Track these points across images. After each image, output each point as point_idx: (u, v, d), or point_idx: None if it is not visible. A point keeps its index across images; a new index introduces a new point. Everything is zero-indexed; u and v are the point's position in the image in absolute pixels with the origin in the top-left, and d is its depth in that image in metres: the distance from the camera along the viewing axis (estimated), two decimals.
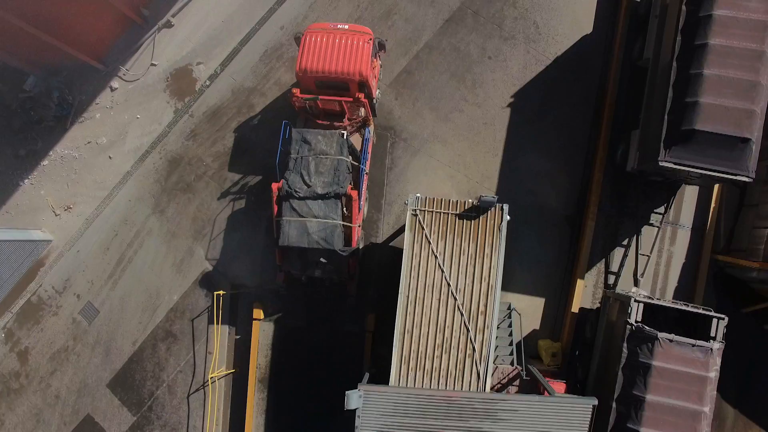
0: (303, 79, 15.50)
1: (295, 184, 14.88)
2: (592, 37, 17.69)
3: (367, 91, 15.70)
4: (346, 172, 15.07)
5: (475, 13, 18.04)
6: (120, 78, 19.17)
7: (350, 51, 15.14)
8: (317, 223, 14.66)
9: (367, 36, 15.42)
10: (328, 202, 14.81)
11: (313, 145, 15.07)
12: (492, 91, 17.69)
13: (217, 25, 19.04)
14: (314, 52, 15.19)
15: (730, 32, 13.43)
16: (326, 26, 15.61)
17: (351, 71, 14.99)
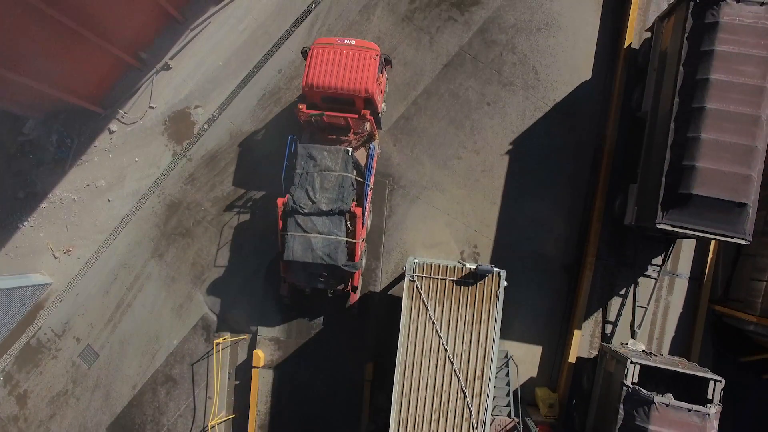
0: (309, 94, 15.62)
1: (300, 200, 15.13)
2: (591, 84, 17.66)
3: (373, 107, 15.82)
4: (350, 188, 15.26)
5: (473, 59, 18.00)
6: (118, 120, 19.16)
7: (357, 67, 15.23)
8: (321, 239, 14.93)
9: (373, 52, 15.49)
10: (332, 218, 15.07)
11: (319, 160, 15.25)
12: (491, 138, 17.68)
13: (215, 68, 19.00)
14: (321, 67, 15.29)
15: (727, 96, 13.42)
16: (333, 41, 15.68)
17: (357, 88, 15.10)
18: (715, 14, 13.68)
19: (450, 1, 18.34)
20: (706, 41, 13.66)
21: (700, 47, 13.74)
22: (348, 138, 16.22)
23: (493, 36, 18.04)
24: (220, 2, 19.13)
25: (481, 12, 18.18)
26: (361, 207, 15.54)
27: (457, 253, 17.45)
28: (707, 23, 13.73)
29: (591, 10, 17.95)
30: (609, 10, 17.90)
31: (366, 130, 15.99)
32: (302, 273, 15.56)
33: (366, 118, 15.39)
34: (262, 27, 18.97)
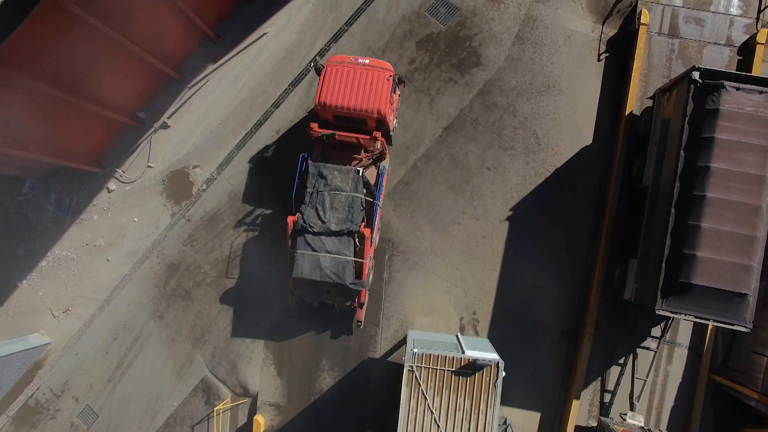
0: (321, 112, 15.68)
1: (310, 219, 15.25)
2: (591, 149, 17.57)
3: (385, 127, 15.89)
4: (359, 208, 15.39)
5: (474, 122, 17.90)
6: (117, 179, 19.09)
7: (370, 87, 15.27)
8: (330, 259, 15.11)
9: (387, 72, 15.49)
10: (341, 238, 15.23)
11: (329, 180, 15.36)
12: (491, 204, 17.61)
13: (213, 127, 18.91)
14: (334, 86, 15.35)
15: (728, 185, 13.35)
16: (347, 59, 15.73)
17: (370, 109, 15.16)
18: (715, 101, 13.58)
19: (450, 61, 18.20)
20: (707, 128, 13.56)
21: (701, 133, 13.64)
22: (359, 156, 16.30)
23: (494, 99, 17.92)
24: (218, 60, 19.00)
25: (482, 74, 18.05)
26: (369, 227, 15.66)
27: (457, 320, 17.45)
28: (708, 109, 13.62)
29: (592, 74, 17.82)
30: (610, 74, 17.78)
31: (377, 148, 16.03)
32: (310, 288, 15.84)
33: (377, 139, 15.44)
34: (260, 86, 18.85)
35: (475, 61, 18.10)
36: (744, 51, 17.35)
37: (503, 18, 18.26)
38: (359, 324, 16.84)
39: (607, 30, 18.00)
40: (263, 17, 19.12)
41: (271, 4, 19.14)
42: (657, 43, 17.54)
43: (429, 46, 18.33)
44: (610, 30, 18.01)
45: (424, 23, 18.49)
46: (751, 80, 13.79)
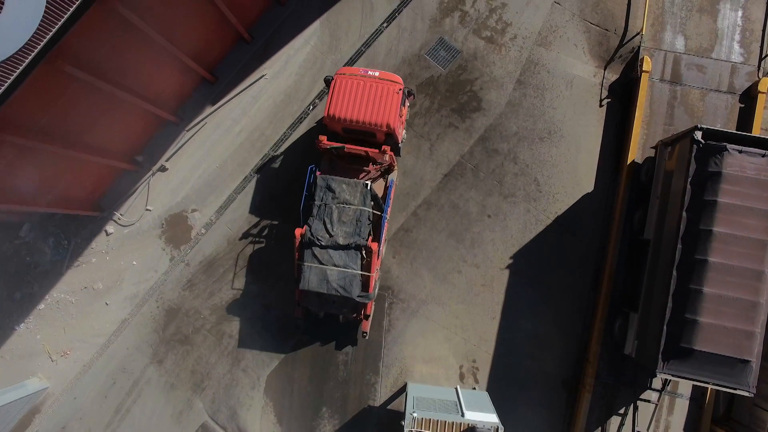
0: (330, 124, 15.63)
1: (318, 232, 15.22)
2: (593, 196, 17.45)
3: (394, 139, 15.87)
4: (367, 222, 15.35)
5: (474, 168, 17.77)
6: (115, 222, 18.96)
7: (379, 101, 15.23)
8: (337, 272, 15.09)
9: (397, 86, 15.42)
10: (348, 252, 15.18)
11: (337, 193, 15.30)
12: (491, 252, 17.51)
13: (211, 170, 18.77)
14: (343, 98, 15.31)
15: (730, 250, 13.26)
16: (357, 71, 15.65)
17: (379, 122, 15.12)
18: (718, 163, 13.47)
19: (451, 106, 18.05)
20: (709, 191, 13.46)
21: (703, 195, 13.53)
22: (367, 168, 16.24)
23: (495, 145, 17.78)
24: (216, 102, 18.84)
25: (483, 119, 17.91)
26: (376, 241, 15.63)
27: (456, 368, 17.39)
28: (710, 171, 13.51)
29: (594, 120, 17.68)
30: (612, 120, 17.64)
31: (386, 161, 15.98)
32: (316, 300, 15.87)
33: (386, 153, 15.41)
34: (258, 129, 18.70)
35: (475, 105, 17.95)
36: (746, 99, 17.22)
37: (504, 62, 18.09)
38: (365, 335, 16.82)
39: (609, 75, 17.85)
40: (261, 58, 18.94)
41: (269, 45, 18.95)
42: (659, 90, 17.39)
43: (429, 90, 18.17)
44: (612, 75, 17.85)
45: (424, 66, 18.32)
46: (754, 142, 13.69)
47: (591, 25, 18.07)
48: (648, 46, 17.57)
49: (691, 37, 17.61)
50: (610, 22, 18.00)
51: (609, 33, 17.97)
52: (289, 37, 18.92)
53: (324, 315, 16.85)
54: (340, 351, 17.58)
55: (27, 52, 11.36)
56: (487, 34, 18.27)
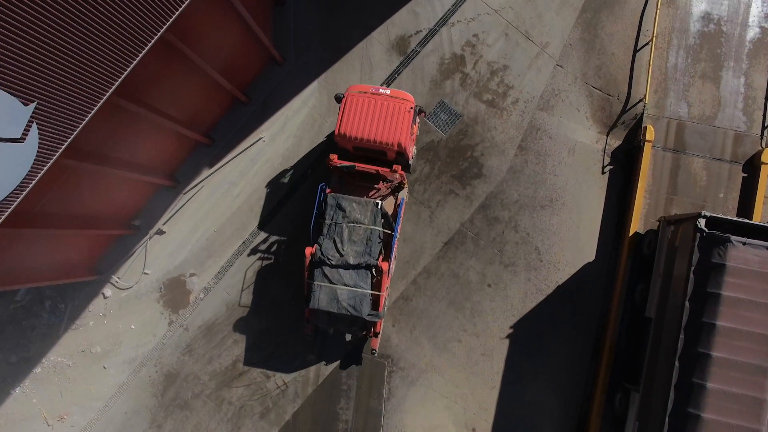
0: (341, 142, 15.61)
1: (328, 251, 15.20)
2: (594, 266, 17.33)
3: (404, 157, 15.88)
4: (377, 241, 15.33)
5: (475, 237, 17.61)
6: (113, 285, 18.79)
7: (391, 119, 15.16)
8: (347, 291, 15.11)
9: (408, 104, 15.36)
10: (359, 271, 15.19)
11: (348, 212, 15.28)
12: (491, 321, 17.41)
13: (209, 234, 18.58)
14: (354, 116, 15.24)
15: (735, 344, 13.16)
16: (367, 89, 15.58)
17: (391, 141, 15.08)
18: (721, 255, 13.33)
19: (451, 172, 17.86)
20: (713, 282, 13.34)
21: (706, 286, 13.42)
22: (377, 186, 16.25)
23: (496, 213, 17.62)
24: (214, 165, 18.61)
25: (484, 186, 17.72)
26: (387, 260, 15.61)
27: None
28: (714, 262, 13.38)
29: (596, 187, 17.52)
30: (614, 187, 17.48)
31: (396, 179, 15.95)
32: (326, 317, 15.89)
33: (398, 172, 15.41)
34: (256, 192, 18.50)
35: (476, 172, 17.76)
36: (749, 168, 17.06)
37: (506, 127, 17.88)
38: (374, 352, 16.85)
39: (612, 141, 17.66)
40: (259, 120, 18.69)
41: (266, 106, 18.69)
42: (662, 158, 17.22)
43: (429, 155, 17.96)
44: (615, 141, 17.67)
45: (424, 130, 18.09)
46: (759, 230, 13.56)
47: (593, 89, 17.85)
48: (651, 113, 17.36)
49: (694, 104, 17.41)
50: (613, 87, 17.78)
51: (612, 98, 17.75)
52: (287, 98, 18.66)
53: (333, 331, 16.99)
54: (340, 420, 17.52)
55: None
56: (488, 97, 18.03)
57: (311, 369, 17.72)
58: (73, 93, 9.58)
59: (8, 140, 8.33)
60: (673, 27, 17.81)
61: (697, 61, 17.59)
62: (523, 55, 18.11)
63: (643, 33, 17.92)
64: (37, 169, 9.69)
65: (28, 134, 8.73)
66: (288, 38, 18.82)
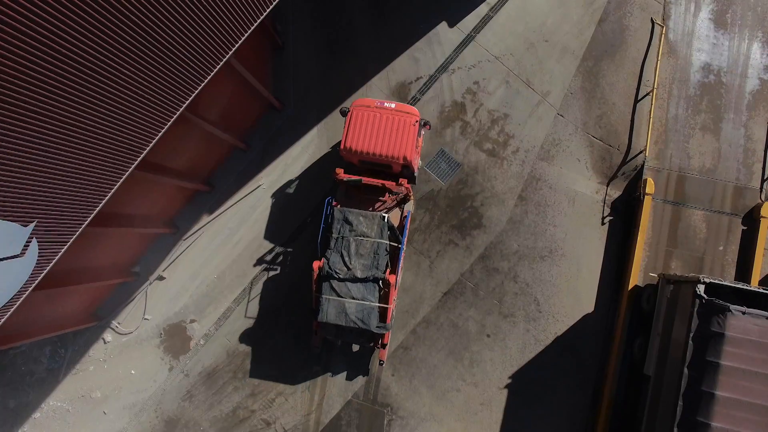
0: (347, 156, 15.75)
1: (336, 265, 15.38)
2: (593, 317, 17.39)
3: (410, 170, 16.04)
4: (384, 254, 15.50)
5: (474, 287, 17.65)
6: (113, 330, 18.81)
7: (396, 133, 15.31)
8: (355, 305, 15.28)
9: (413, 117, 15.51)
10: (366, 284, 15.39)
11: (355, 226, 15.45)
12: (490, 371, 17.49)
13: (209, 281, 18.59)
14: (360, 131, 15.37)
15: (734, 414, 13.23)
16: (372, 103, 15.71)
17: (397, 155, 15.24)
18: (721, 324, 13.38)
19: (451, 222, 17.86)
20: (712, 351, 13.40)
21: (705, 354, 13.48)
22: (383, 199, 16.42)
23: (495, 263, 17.65)
24: (213, 212, 18.59)
25: (484, 236, 17.74)
26: (394, 272, 15.77)
27: None
28: (713, 331, 13.44)
29: (596, 238, 17.54)
30: (614, 238, 17.50)
31: (402, 191, 16.12)
32: (334, 329, 16.06)
33: (404, 186, 15.59)
34: (256, 240, 18.49)
35: (476, 222, 17.77)
36: (748, 221, 17.09)
37: (506, 176, 17.87)
38: (381, 363, 17.00)
39: (612, 192, 17.66)
40: (258, 166, 18.67)
41: (266, 152, 18.66)
42: (661, 211, 17.24)
43: (429, 205, 17.96)
44: (615, 191, 17.67)
45: (424, 180, 18.08)
46: (760, 297, 13.62)
47: (594, 139, 17.83)
48: (651, 165, 17.36)
49: (695, 156, 17.41)
50: (614, 138, 17.76)
51: (612, 149, 17.73)
52: (286, 145, 18.63)
53: (341, 343, 17.29)
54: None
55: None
56: (488, 146, 18.01)
57: (311, 417, 17.81)
58: (72, 204, 9.61)
59: (7, 258, 8.36)
60: (674, 77, 17.78)
61: (698, 113, 17.57)
62: (524, 104, 18.07)
63: (643, 83, 17.88)
64: (36, 273, 9.71)
65: (28, 248, 8.75)
66: (287, 84, 18.76)
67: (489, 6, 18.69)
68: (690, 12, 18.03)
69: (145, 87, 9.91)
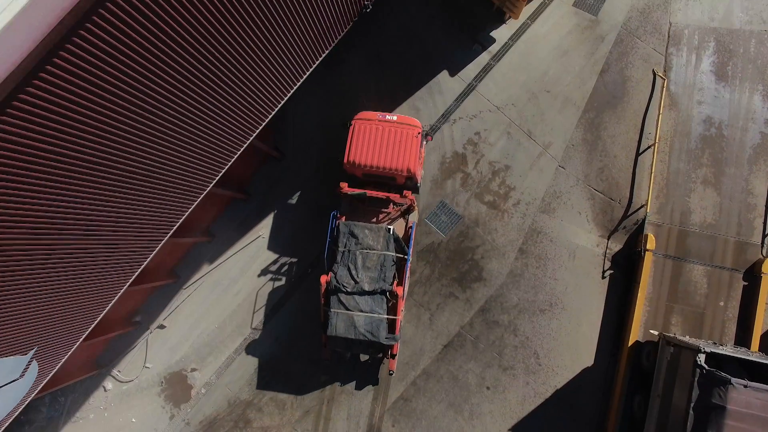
0: (350, 170, 15.85)
1: (343, 278, 15.44)
2: (593, 371, 17.41)
3: (414, 181, 16.14)
4: (391, 266, 15.59)
5: (474, 340, 17.67)
6: (113, 378, 18.85)
7: (399, 145, 15.41)
8: (364, 317, 15.35)
9: (415, 129, 15.61)
10: (374, 297, 15.45)
11: (360, 239, 15.52)
12: (489, 424, 17.53)
13: (210, 330, 18.61)
14: (363, 144, 15.46)
15: None
16: (374, 116, 15.77)
17: (400, 167, 15.35)
18: (722, 396, 13.39)
19: (451, 275, 17.86)
20: (713, 424, 13.39)
21: (706, 427, 13.50)
22: (387, 210, 16.51)
23: (495, 316, 17.66)
24: (214, 261, 18.58)
25: (484, 290, 17.74)
26: (401, 285, 15.85)
27: None
28: (714, 403, 13.46)
29: (596, 292, 17.54)
30: (614, 292, 17.50)
31: (406, 203, 16.20)
32: (343, 342, 16.11)
33: (408, 198, 15.69)
34: (257, 289, 18.48)
35: (476, 275, 17.77)
36: (749, 276, 17.08)
37: (507, 229, 17.85)
38: (391, 373, 17.01)
39: (613, 245, 17.65)
40: (259, 216, 18.67)
41: (266, 203, 18.63)
42: (662, 265, 17.22)
43: (430, 257, 17.95)
44: (616, 245, 17.66)
45: (425, 232, 18.06)
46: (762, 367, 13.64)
47: (595, 192, 17.80)
48: (652, 220, 17.33)
49: (696, 211, 17.38)
50: (615, 191, 17.73)
51: (613, 202, 17.70)
52: (286, 194, 18.59)
53: (351, 355, 17.36)
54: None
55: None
56: (489, 198, 17.98)
57: None
58: (72, 322, 9.64)
59: (6, 384, 8.37)
60: (676, 130, 17.73)
61: (699, 166, 17.53)
62: (525, 155, 18.03)
63: (645, 135, 17.83)
64: (36, 384, 9.72)
65: (27, 369, 8.75)
66: (287, 133, 18.71)
67: (490, 54, 18.61)
68: (691, 63, 17.96)
69: (151, 211, 9.93)
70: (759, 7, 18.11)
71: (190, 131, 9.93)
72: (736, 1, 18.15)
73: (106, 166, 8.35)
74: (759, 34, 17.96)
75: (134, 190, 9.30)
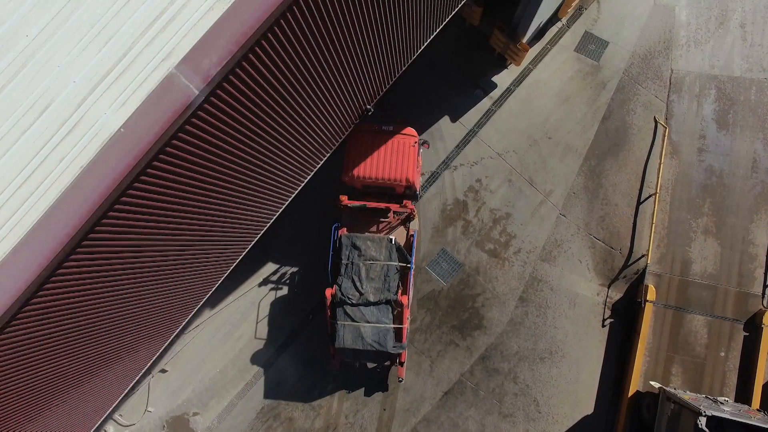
0: (349, 183, 15.96)
1: (348, 291, 15.63)
2: (593, 418, 17.48)
3: (412, 190, 16.27)
4: (394, 275, 15.76)
5: (475, 387, 17.75)
6: (115, 422, 18.98)
7: (397, 156, 15.52)
8: (370, 328, 15.55)
9: (412, 138, 15.71)
10: (380, 307, 15.65)
11: (363, 251, 15.70)
12: None
13: (212, 374, 18.70)
14: (360, 156, 15.55)
15: None
16: (370, 127, 15.80)
17: (399, 177, 15.47)
18: None
19: (452, 323, 17.93)
20: None
21: None
22: (387, 219, 16.63)
23: (495, 364, 17.73)
24: (215, 307, 18.67)
25: (484, 338, 17.81)
26: (406, 294, 16.01)
27: None
28: None
29: (596, 340, 17.59)
30: (614, 341, 17.56)
31: (406, 211, 16.34)
32: (351, 352, 16.30)
33: (407, 207, 15.84)
34: (259, 335, 18.57)
35: (477, 323, 17.83)
36: (750, 327, 17.11)
37: (507, 277, 17.90)
38: (400, 380, 17.12)
39: (613, 294, 17.68)
40: (260, 262, 18.71)
41: (268, 250, 18.69)
42: (663, 316, 17.25)
43: (430, 304, 18.02)
44: (616, 293, 17.69)
45: (425, 279, 18.12)
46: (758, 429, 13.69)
47: (596, 240, 17.83)
48: (653, 270, 17.35)
49: (696, 260, 17.40)
50: (616, 240, 17.75)
51: (614, 251, 17.73)
52: (288, 242, 18.65)
53: (359, 365, 17.52)
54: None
55: None
56: (490, 246, 18.02)
57: None
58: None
59: None
60: (677, 178, 17.74)
61: (700, 216, 17.54)
62: (526, 203, 18.06)
63: (646, 183, 17.84)
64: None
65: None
66: None
67: (492, 100, 18.62)
68: (692, 111, 17.95)
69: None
70: (759, 54, 18.09)
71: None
72: (737, 48, 18.12)
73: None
74: (759, 81, 17.93)
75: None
